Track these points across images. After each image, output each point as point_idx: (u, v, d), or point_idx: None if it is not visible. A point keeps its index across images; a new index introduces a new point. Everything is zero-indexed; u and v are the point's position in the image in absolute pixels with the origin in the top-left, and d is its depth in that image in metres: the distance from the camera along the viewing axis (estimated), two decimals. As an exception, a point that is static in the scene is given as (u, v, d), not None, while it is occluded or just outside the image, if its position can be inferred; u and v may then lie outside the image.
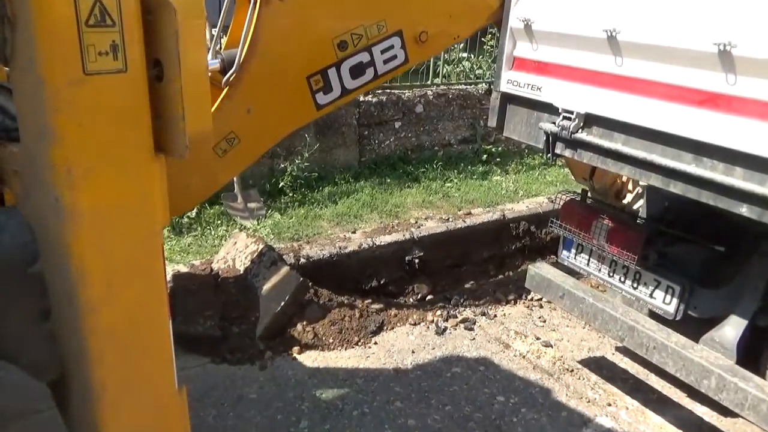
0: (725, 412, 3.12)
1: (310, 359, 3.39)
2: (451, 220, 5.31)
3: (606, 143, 2.44)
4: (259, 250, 3.90)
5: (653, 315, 2.92)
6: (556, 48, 2.61)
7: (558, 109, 2.59)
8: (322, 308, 3.67)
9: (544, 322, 3.98)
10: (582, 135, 2.53)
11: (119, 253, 1.22)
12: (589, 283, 4.15)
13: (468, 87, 6.90)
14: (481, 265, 5.45)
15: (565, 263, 3.33)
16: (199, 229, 4.69)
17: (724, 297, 2.70)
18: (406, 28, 3.03)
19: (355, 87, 3.07)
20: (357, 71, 3.03)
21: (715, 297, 2.73)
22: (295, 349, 3.43)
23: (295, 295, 3.54)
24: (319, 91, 2.98)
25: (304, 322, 3.57)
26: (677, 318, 2.80)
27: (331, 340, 3.54)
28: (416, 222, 5.19)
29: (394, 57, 3.07)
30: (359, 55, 2.99)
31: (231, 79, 2.68)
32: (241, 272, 3.86)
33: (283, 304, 3.48)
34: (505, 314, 4.05)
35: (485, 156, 6.90)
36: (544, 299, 4.19)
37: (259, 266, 3.81)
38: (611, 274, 3.07)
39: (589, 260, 3.17)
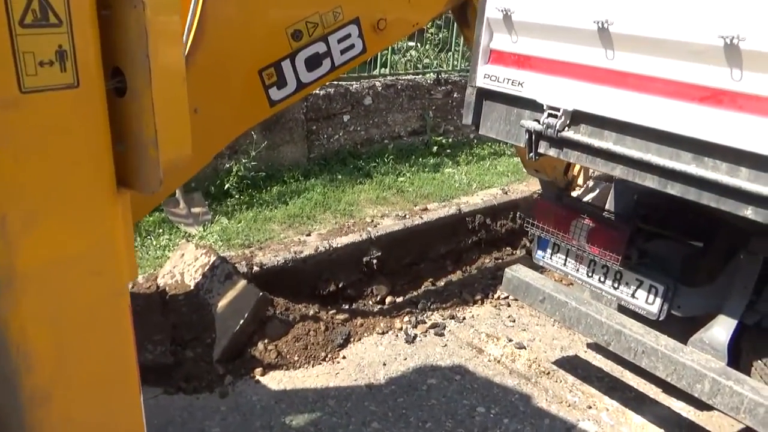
0: (701, 406, 3.11)
1: (275, 381, 3.12)
2: (407, 216, 5.12)
3: (596, 142, 2.29)
4: (210, 263, 3.56)
5: (626, 311, 2.84)
6: (539, 40, 2.43)
7: (542, 105, 2.43)
8: (284, 323, 3.40)
9: (514, 321, 3.86)
10: (569, 133, 2.37)
11: (73, 324, 0.93)
12: (552, 276, 4.09)
13: (416, 77, 6.71)
14: (438, 261, 5.30)
15: (540, 264, 3.21)
16: (138, 239, 4.28)
17: (709, 295, 2.63)
18: (363, 15, 2.80)
19: (311, 80, 2.81)
20: (313, 63, 2.76)
21: (699, 295, 2.66)
22: (258, 370, 3.14)
23: (255, 312, 3.24)
24: (272, 86, 2.69)
25: (266, 340, 3.28)
26: (661, 318, 2.72)
27: (296, 358, 3.27)
28: (372, 221, 4.97)
29: (352, 46, 2.82)
30: (315, 45, 2.72)
31: None
32: (192, 288, 3.52)
33: (242, 322, 3.18)
34: (473, 316, 3.90)
35: (436, 148, 6.75)
36: (511, 298, 4.08)
37: (211, 280, 3.48)
38: (590, 275, 2.96)
39: (566, 260, 3.06)
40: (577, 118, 2.36)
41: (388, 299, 4.71)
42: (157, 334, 3.14)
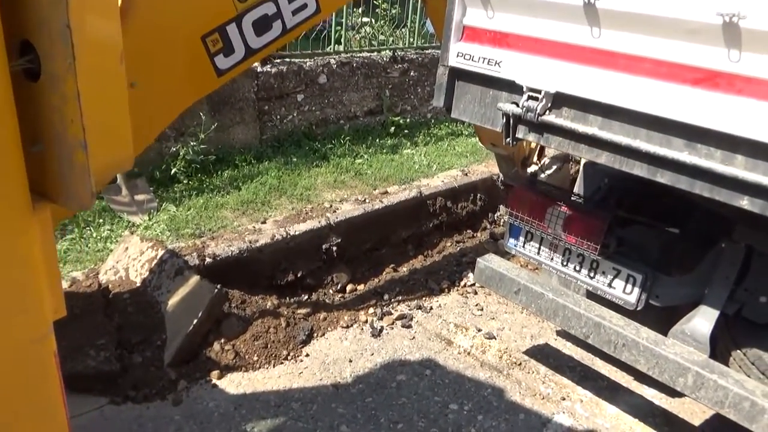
0: (672, 393, 3.07)
1: (233, 384, 2.89)
2: (367, 201, 4.92)
3: (579, 127, 2.14)
4: (158, 257, 3.27)
5: (594, 297, 2.76)
6: (517, 16, 2.25)
7: (522, 87, 2.26)
8: (242, 321, 3.16)
9: (482, 310, 3.74)
10: (550, 117, 2.22)
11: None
12: (518, 261, 4.00)
13: (372, 54, 6.45)
14: (400, 246, 5.14)
15: (512, 252, 3.07)
16: (76, 230, 3.92)
17: (689, 284, 2.56)
18: None
19: (261, 45, 2.55)
20: (262, 26, 2.51)
21: (678, 285, 2.59)
22: (215, 373, 2.91)
23: (210, 310, 2.99)
24: (218, 54, 2.42)
25: (222, 340, 3.04)
26: (638, 308, 2.64)
27: (255, 358, 3.05)
28: (331, 206, 4.74)
29: (304, 6, 2.58)
30: (263, 6, 2.47)
31: None
32: (138, 285, 3.22)
33: (195, 321, 2.93)
34: (440, 305, 3.76)
35: (393, 128, 6.54)
36: (477, 285, 3.97)
37: (160, 276, 3.20)
38: (565, 263, 2.85)
39: (539, 249, 2.93)
40: (559, 100, 2.20)
41: (349, 287, 4.52)
42: (101, 338, 2.85)
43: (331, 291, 4.53)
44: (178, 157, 4.75)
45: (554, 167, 5.01)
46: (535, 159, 5.07)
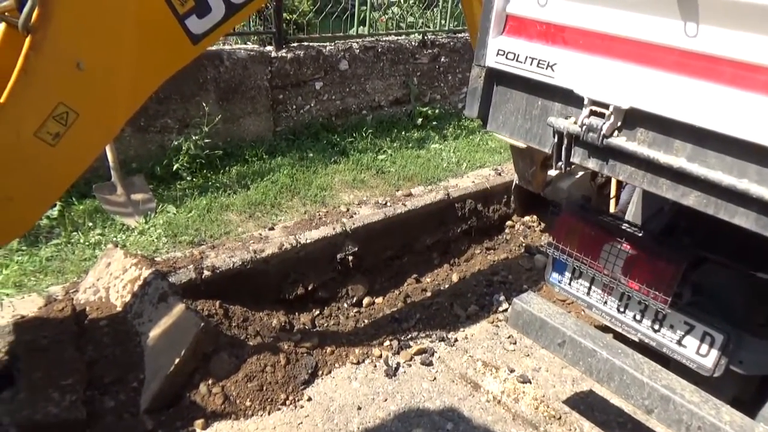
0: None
1: (220, 436, 2.46)
2: (388, 204, 4.43)
3: (660, 156, 1.60)
4: (142, 278, 2.84)
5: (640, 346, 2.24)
6: (580, 4, 1.70)
7: (582, 99, 1.72)
8: (234, 357, 2.71)
9: (515, 344, 3.24)
10: (620, 140, 1.68)
11: None
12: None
13: (399, 38, 5.88)
14: (423, 254, 4.67)
15: (555, 289, 2.55)
16: (63, 234, 3.52)
17: (785, 350, 2.01)
18: None
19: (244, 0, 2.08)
20: None
21: (770, 349, 2.04)
22: (199, 422, 2.48)
23: (195, 347, 2.55)
24: (189, 15, 1.96)
25: (210, 381, 2.61)
26: (716, 374, 2.11)
27: (248, 403, 2.61)
28: (348, 209, 4.27)
29: None
30: None
31: (32, 17, 1.59)
32: (118, 310, 2.80)
33: (177, 360, 2.49)
34: (467, 336, 3.27)
35: (420, 119, 6.00)
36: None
37: (142, 301, 2.77)
38: (622, 310, 2.33)
39: (590, 289, 2.41)
40: (633, 119, 1.66)
41: (366, 300, 4.08)
42: (68, 377, 2.44)
43: (345, 305, 4.10)
44: (181, 152, 4.32)
45: (580, 173, 4.44)
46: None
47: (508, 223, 4.99)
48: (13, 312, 2.78)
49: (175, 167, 4.30)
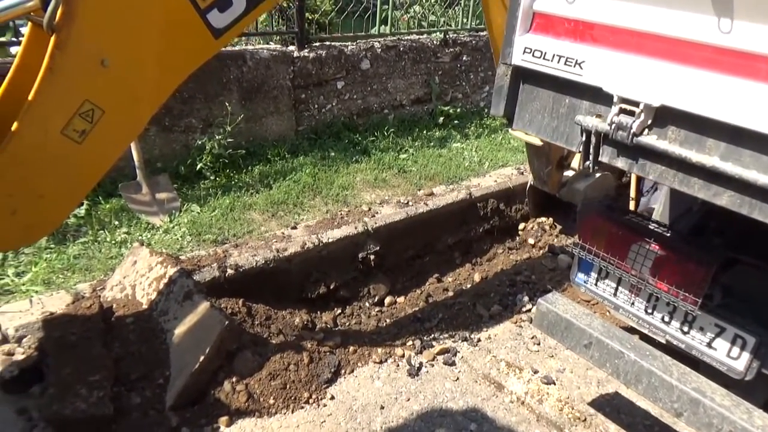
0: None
1: (244, 433, 2.48)
2: (410, 203, 4.43)
3: (692, 155, 1.57)
4: (167, 276, 2.87)
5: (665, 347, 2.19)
6: (609, 1, 1.67)
7: (611, 96, 1.69)
8: (257, 355, 2.73)
9: (539, 344, 3.21)
10: (650, 139, 1.65)
11: None
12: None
13: (421, 37, 5.87)
14: (445, 254, 4.65)
15: (581, 289, 2.52)
16: (90, 233, 3.58)
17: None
18: None
19: None
20: None
21: (804, 353, 1.99)
22: (223, 419, 2.50)
23: (220, 345, 2.57)
24: (211, 9, 1.96)
25: (234, 379, 2.63)
26: (747, 378, 2.06)
27: (272, 401, 2.62)
28: (369, 209, 4.27)
29: None
30: None
31: (56, 16, 1.61)
32: (144, 307, 2.84)
33: (202, 358, 2.52)
34: (490, 336, 3.24)
35: (442, 118, 5.97)
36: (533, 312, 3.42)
37: (168, 299, 2.80)
38: (650, 311, 2.29)
39: (617, 290, 2.37)
40: (664, 117, 1.63)
41: (388, 300, 4.08)
42: (96, 373, 2.48)
43: (367, 304, 4.10)
44: (205, 151, 4.36)
45: (597, 174, 4.33)
46: (575, 160, 4.40)
47: (521, 226, 4.90)
48: (42, 309, 2.83)
49: (198, 167, 4.35)
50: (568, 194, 4.18)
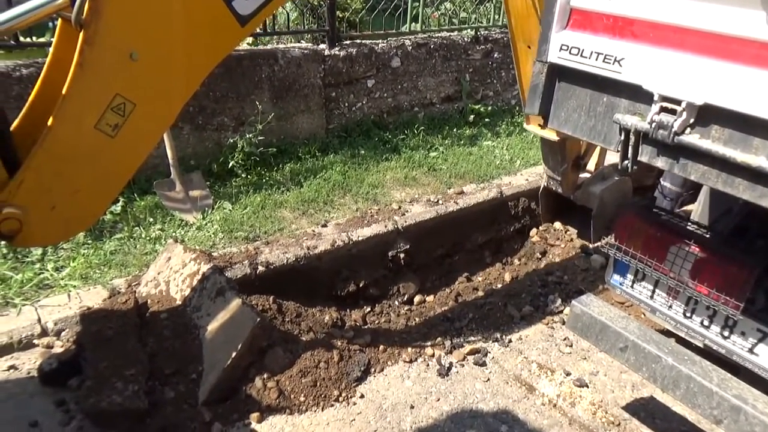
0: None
1: (275, 430, 2.50)
2: (440, 202, 4.40)
3: (737, 154, 1.52)
4: (200, 272, 2.91)
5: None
6: (651, -4, 1.63)
7: (651, 95, 1.65)
8: (288, 352, 2.75)
9: (571, 346, 3.16)
10: (692, 138, 1.60)
11: None
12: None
13: (452, 34, 5.83)
14: (475, 253, 4.61)
15: (616, 291, 2.47)
16: (125, 229, 3.65)
17: None
18: None
19: None
20: None
21: None
22: (254, 415, 2.52)
23: (251, 342, 2.60)
24: None
25: (265, 375, 2.65)
26: (791, 384, 1.99)
27: (302, 398, 2.63)
28: (399, 207, 4.26)
29: None
30: None
31: (83, 11, 1.62)
32: (178, 303, 2.88)
33: (234, 354, 2.54)
34: (521, 337, 3.20)
35: (472, 116, 5.93)
36: (566, 312, 3.37)
37: (201, 295, 2.84)
38: (689, 315, 2.23)
39: (653, 293, 2.32)
40: (707, 115, 1.58)
41: (417, 298, 4.07)
42: (131, 367, 2.53)
43: (396, 302, 4.09)
44: (236, 149, 4.40)
45: (615, 177, 4.06)
46: (592, 161, 4.16)
47: (533, 232, 4.66)
48: (80, 303, 2.90)
49: (230, 164, 4.40)
50: (582, 197, 3.96)
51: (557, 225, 4.58)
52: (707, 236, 2.11)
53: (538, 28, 2.74)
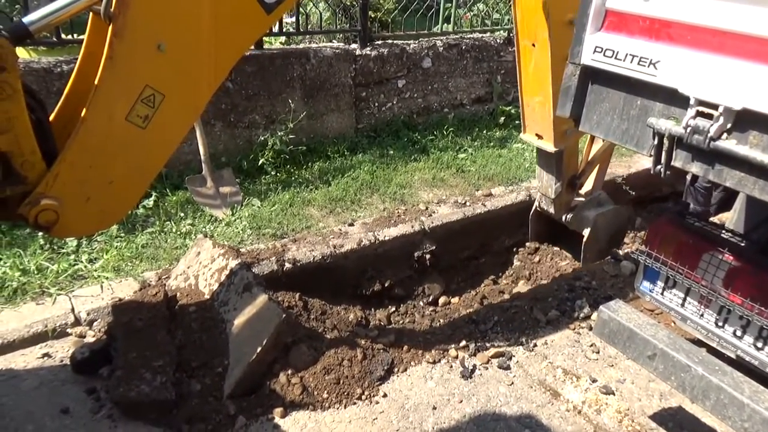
0: None
1: (298, 425, 2.52)
2: (468, 203, 4.39)
3: (776, 161, 1.48)
4: (229, 268, 2.95)
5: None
6: (688, -3, 1.60)
7: (688, 98, 1.62)
8: (313, 349, 2.77)
9: (598, 353, 3.11)
10: (729, 144, 1.57)
11: None
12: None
13: (484, 35, 5.79)
14: (501, 256, 4.58)
15: (645, 298, 2.43)
16: (157, 223, 3.73)
17: None
18: None
19: None
20: None
21: None
22: (278, 410, 2.54)
23: (276, 337, 2.62)
24: None
25: (289, 371, 2.67)
26: (828, 400, 1.92)
27: (325, 395, 2.65)
28: (427, 208, 4.26)
29: None
30: None
31: (112, 4, 1.66)
32: (206, 297, 2.93)
33: (259, 349, 2.57)
34: (547, 342, 3.17)
35: (503, 118, 5.88)
36: (594, 318, 3.32)
37: (228, 290, 2.88)
38: (721, 325, 2.17)
39: (684, 301, 2.27)
40: (745, 121, 1.54)
41: (442, 300, 4.07)
42: (160, 359, 2.58)
43: (421, 303, 4.10)
44: (267, 147, 4.45)
45: (610, 206, 3.64)
46: (590, 181, 3.72)
47: (517, 256, 4.36)
48: (112, 294, 2.97)
49: (260, 162, 4.45)
50: (574, 221, 3.57)
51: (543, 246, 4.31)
52: (742, 245, 2.06)
53: (544, 26, 2.71)
